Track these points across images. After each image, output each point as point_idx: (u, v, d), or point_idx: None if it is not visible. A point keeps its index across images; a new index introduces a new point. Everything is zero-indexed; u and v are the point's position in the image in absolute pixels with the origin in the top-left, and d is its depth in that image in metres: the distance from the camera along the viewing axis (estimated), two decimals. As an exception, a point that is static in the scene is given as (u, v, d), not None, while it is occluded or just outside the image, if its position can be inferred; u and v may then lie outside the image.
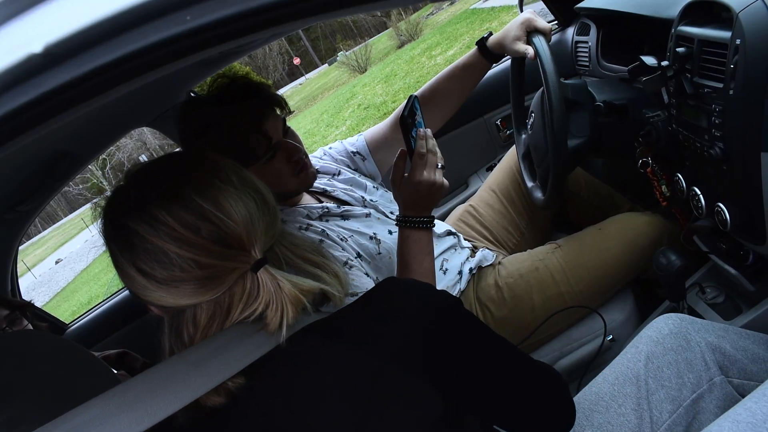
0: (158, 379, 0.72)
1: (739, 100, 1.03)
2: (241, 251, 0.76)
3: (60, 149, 1.44)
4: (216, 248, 0.74)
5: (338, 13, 0.48)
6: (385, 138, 1.75)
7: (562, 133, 1.36)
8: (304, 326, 0.80)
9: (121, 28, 0.43)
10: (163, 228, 0.73)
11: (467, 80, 1.70)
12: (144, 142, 32.62)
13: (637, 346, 1.14)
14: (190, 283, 0.74)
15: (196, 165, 0.82)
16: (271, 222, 0.82)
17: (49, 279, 23.98)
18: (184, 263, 0.73)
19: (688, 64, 1.21)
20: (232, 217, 0.75)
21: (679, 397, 1.05)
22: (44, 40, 0.43)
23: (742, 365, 1.09)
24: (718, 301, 1.41)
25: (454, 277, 1.61)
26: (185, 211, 0.74)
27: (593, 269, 1.57)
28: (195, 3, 0.42)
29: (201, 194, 0.75)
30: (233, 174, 0.80)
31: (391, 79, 14.87)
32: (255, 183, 0.83)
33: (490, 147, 2.48)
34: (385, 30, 35.29)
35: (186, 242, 0.73)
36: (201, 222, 0.74)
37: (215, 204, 0.75)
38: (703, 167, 1.24)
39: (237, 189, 0.78)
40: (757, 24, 0.99)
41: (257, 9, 0.42)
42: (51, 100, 0.46)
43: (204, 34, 0.44)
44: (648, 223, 1.63)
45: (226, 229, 0.74)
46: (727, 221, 1.17)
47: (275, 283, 0.77)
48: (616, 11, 1.69)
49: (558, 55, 1.61)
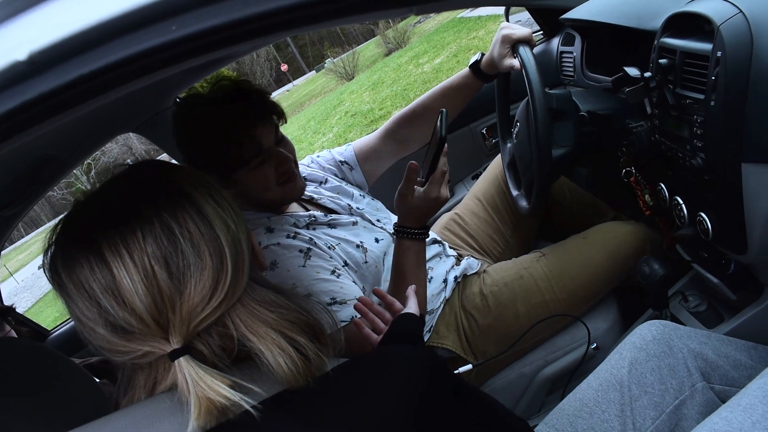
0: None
1: (720, 112, 1.05)
2: (148, 336, 0.65)
3: (44, 154, 1.43)
4: (113, 338, 0.65)
5: (322, 25, 0.48)
6: (375, 149, 1.76)
7: (546, 143, 1.37)
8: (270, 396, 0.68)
9: (107, 37, 0.43)
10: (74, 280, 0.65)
11: (459, 99, 1.72)
12: (130, 146, 32.41)
13: (621, 353, 1.15)
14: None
15: (128, 209, 0.66)
16: (227, 284, 0.66)
17: (32, 284, 23.67)
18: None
19: (670, 76, 1.22)
20: (129, 303, 0.63)
21: (662, 403, 1.06)
22: (29, 47, 0.43)
23: (724, 371, 1.11)
24: (701, 310, 1.42)
25: (439, 286, 1.62)
26: (89, 276, 0.64)
27: (577, 277, 1.58)
28: (180, 13, 0.42)
29: (101, 261, 0.63)
30: (193, 218, 0.65)
31: (379, 87, 14.89)
32: (219, 232, 0.67)
33: (475, 155, 2.49)
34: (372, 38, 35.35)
35: (89, 311, 0.65)
36: (98, 302, 0.64)
37: (109, 282, 0.63)
38: (685, 177, 1.26)
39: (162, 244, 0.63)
40: (738, 37, 1.01)
41: (242, 20, 0.43)
42: (35, 107, 0.46)
43: (189, 44, 0.44)
44: (631, 232, 1.64)
45: (115, 319, 0.64)
46: (708, 230, 1.18)
47: (192, 380, 0.63)
48: (601, 22, 1.70)
49: (543, 65, 1.61)
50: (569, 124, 1.51)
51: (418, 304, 1.19)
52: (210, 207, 0.67)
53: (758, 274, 1.23)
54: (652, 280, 1.32)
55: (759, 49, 0.99)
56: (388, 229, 1.62)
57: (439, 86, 1.73)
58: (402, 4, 0.49)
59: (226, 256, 0.66)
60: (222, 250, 0.66)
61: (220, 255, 0.65)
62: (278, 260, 1.33)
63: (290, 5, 0.44)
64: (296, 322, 0.69)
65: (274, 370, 0.66)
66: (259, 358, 0.66)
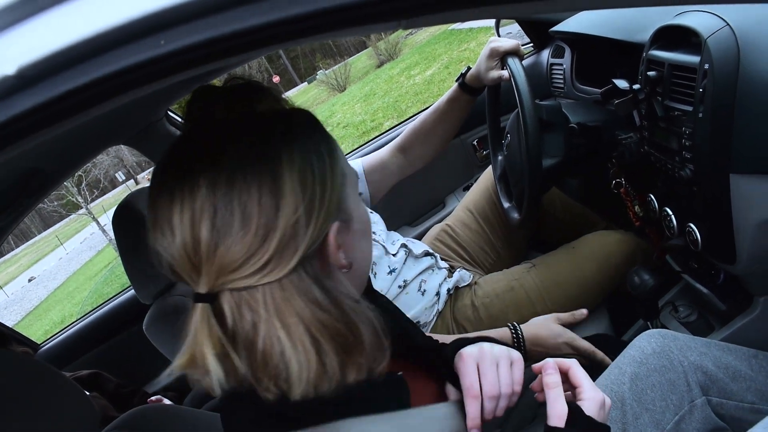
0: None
1: (707, 123, 1.06)
2: (184, 271, 0.66)
3: (33, 167, 1.42)
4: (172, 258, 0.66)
5: (313, 38, 0.48)
6: (382, 160, 1.78)
7: (536, 154, 1.38)
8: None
9: (96, 51, 0.43)
10: None
11: (452, 116, 1.74)
12: (121, 158, 32.30)
13: (621, 367, 1.14)
14: None
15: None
16: (263, 261, 0.63)
17: (22, 297, 23.54)
18: None
19: (658, 88, 1.23)
20: (175, 234, 0.64)
21: (662, 421, 1.05)
22: (18, 62, 0.43)
23: (723, 384, 1.10)
24: (691, 320, 1.43)
25: (432, 299, 1.61)
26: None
27: (568, 288, 1.58)
28: (169, 27, 0.42)
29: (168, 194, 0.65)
30: (261, 187, 0.63)
31: (371, 98, 14.93)
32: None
33: (466, 167, 2.50)
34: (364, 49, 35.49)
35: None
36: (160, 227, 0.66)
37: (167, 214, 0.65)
38: (674, 188, 1.27)
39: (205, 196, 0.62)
40: (725, 49, 1.02)
41: (232, 34, 0.43)
42: (24, 121, 0.46)
43: (178, 58, 0.44)
44: (620, 241, 1.65)
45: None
46: (698, 241, 1.19)
47: (195, 329, 0.64)
48: (590, 35, 1.72)
49: (533, 76, 1.63)
50: (559, 135, 1.51)
51: None
52: (290, 182, 0.65)
53: (747, 284, 1.24)
54: (642, 291, 1.33)
55: (746, 62, 1.00)
56: (380, 241, 1.62)
57: (433, 105, 1.76)
58: (390, 18, 0.49)
59: (274, 235, 0.63)
60: (270, 228, 0.63)
61: (266, 232, 0.63)
62: None
63: (282, 19, 0.44)
64: (329, 326, 0.66)
65: (284, 366, 0.64)
66: (274, 348, 0.64)
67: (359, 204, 0.76)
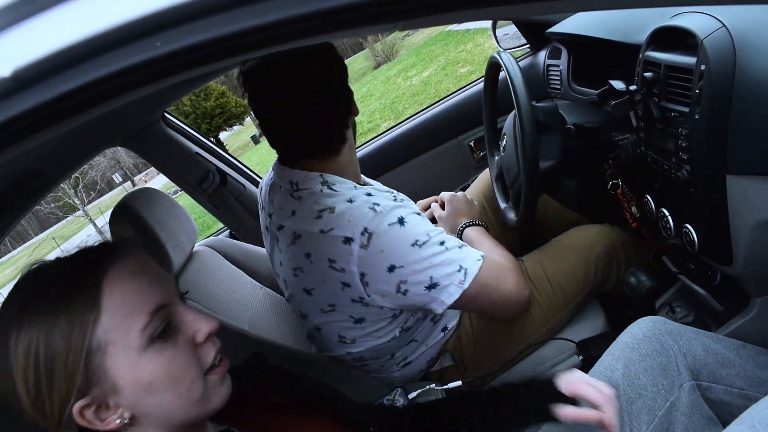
0: None
1: (704, 124, 1.06)
2: None
3: (30, 169, 1.42)
4: None
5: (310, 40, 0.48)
6: None
7: (533, 155, 1.38)
8: None
9: (91, 53, 0.43)
10: None
11: None
12: (118, 160, 32.27)
13: (614, 353, 1.15)
14: None
15: None
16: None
17: (19, 300, 23.39)
18: None
19: (655, 89, 1.23)
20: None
21: (654, 407, 1.06)
22: (13, 64, 0.43)
23: (712, 369, 1.12)
24: (688, 321, 1.43)
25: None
26: None
27: (553, 279, 1.59)
28: (165, 29, 0.42)
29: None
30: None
31: (368, 100, 14.94)
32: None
33: (463, 168, 2.50)
34: (361, 51, 35.48)
35: None
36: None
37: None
38: (671, 189, 1.27)
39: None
40: (721, 50, 1.02)
41: (229, 36, 0.43)
42: (20, 123, 0.46)
43: (174, 60, 0.44)
44: (600, 232, 1.67)
45: None
46: (694, 242, 1.19)
47: None
48: (587, 36, 1.72)
49: (530, 78, 1.63)
50: (556, 136, 1.51)
51: None
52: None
53: (744, 285, 1.24)
54: (639, 292, 1.33)
55: (742, 63, 1.00)
56: None
57: None
58: (387, 19, 0.49)
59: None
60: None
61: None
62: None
63: (278, 21, 0.44)
64: None
65: None
66: None
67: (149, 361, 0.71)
